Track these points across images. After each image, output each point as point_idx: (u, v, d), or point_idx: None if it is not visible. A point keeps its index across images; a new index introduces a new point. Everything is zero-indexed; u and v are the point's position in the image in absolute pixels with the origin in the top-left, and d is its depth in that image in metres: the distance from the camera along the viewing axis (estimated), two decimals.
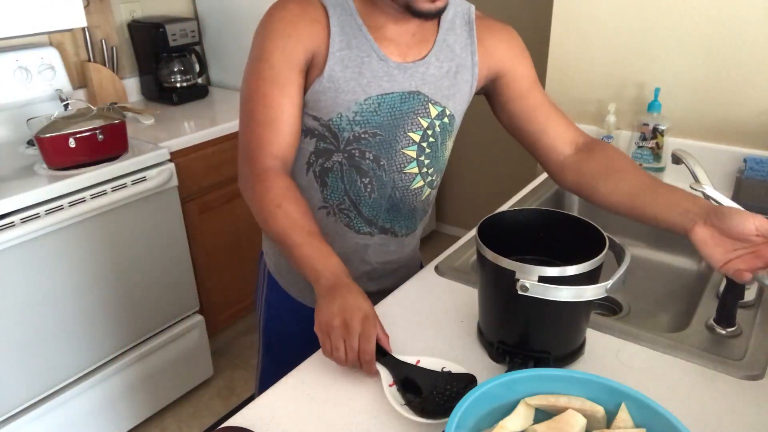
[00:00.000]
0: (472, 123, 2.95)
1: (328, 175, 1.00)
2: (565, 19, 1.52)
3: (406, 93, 0.96)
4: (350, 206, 1.02)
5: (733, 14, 1.29)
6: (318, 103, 0.94)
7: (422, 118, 0.98)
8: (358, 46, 0.92)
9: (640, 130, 1.39)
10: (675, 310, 1.20)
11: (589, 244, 0.80)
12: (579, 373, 0.64)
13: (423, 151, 1.01)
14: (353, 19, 0.93)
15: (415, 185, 1.03)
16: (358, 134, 0.96)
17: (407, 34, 0.95)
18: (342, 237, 1.05)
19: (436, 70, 0.97)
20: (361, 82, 0.93)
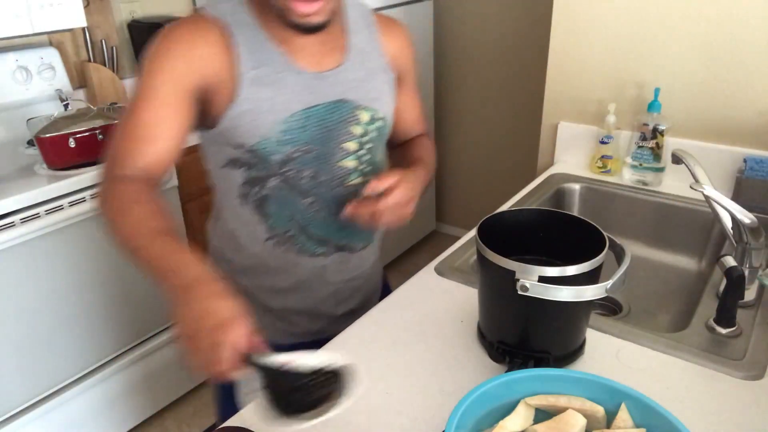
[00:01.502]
0: (472, 123, 2.95)
1: (268, 203, 0.95)
2: (565, 19, 1.52)
3: (332, 102, 0.92)
4: (299, 231, 0.97)
5: (733, 15, 1.29)
6: (238, 129, 0.88)
7: (354, 125, 0.95)
8: (270, 62, 0.88)
9: (640, 130, 1.39)
10: (675, 310, 1.20)
11: (589, 244, 0.80)
12: (579, 373, 0.64)
13: (362, 159, 0.98)
14: (259, 35, 0.88)
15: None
16: (290, 154, 0.91)
17: (316, 43, 0.90)
18: (296, 265, 1.00)
19: (355, 75, 0.94)
20: (282, 100, 0.88)
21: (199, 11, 0.89)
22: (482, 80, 2.82)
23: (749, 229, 0.94)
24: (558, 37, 1.54)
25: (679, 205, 1.33)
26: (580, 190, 1.46)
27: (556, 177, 1.50)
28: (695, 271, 1.30)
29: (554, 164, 1.60)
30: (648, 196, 1.37)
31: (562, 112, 1.60)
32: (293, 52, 0.89)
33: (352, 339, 0.93)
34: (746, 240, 0.95)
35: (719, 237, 1.26)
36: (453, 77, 2.91)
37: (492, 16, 2.67)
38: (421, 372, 0.85)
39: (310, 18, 0.81)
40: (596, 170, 1.49)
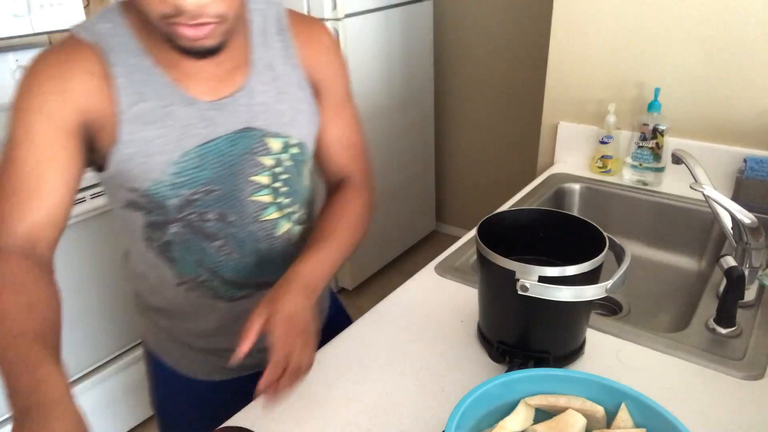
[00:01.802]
0: (472, 123, 2.95)
1: (172, 249, 0.84)
2: (565, 19, 1.52)
3: (234, 134, 0.79)
4: (210, 276, 0.87)
5: (733, 14, 1.29)
6: (128, 173, 0.76)
7: (263, 156, 0.82)
8: (155, 94, 0.75)
9: (640, 130, 1.39)
10: (675, 310, 1.20)
11: (589, 244, 0.80)
12: (579, 373, 0.64)
13: (278, 192, 0.86)
14: (143, 61, 0.75)
15: (280, 231, 0.89)
16: (188, 197, 0.80)
17: (212, 66, 0.77)
18: (214, 310, 0.90)
19: (263, 97, 0.81)
20: (172, 138, 0.76)
21: (75, 33, 0.75)
22: (482, 80, 2.82)
23: (749, 229, 0.94)
24: (558, 37, 1.54)
25: (679, 205, 1.33)
26: (580, 190, 1.46)
27: (556, 177, 1.50)
28: (695, 271, 1.30)
29: (554, 164, 1.60)
30: (648, 196, 1.37)
31: (562, 112, 1.60)
32: (185, 79, 0.77)
33: (352, 339, 0.93)
34: (746, 240, 0.95)
35: (719, 237, 1.26)
36: (453, 77, 2.91)
37: (492, 16, 2.67)
38: (421, 372, 0.85)
39: (201, 42, 0.69)
40: (596, 170, 1.49)
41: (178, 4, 0.64)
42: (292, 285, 0.78)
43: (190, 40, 0.68)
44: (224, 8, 0.67)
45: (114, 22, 0.75)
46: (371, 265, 2.80)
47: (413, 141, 2.83)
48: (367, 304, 2.64)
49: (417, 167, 2.90)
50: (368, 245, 2.71)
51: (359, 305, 2.66)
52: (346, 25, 2.25)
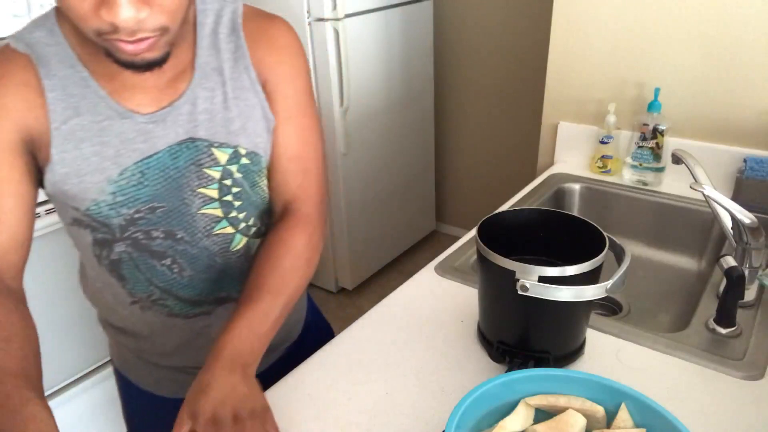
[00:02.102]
0: (472, 123, 2.95)
1: (121, 267, 0.80)
2: (565, 19, 1.52)
3: (176, 146, 0.74)
4: (163, 295, 0.82)
5: (733, 14, 1.29)
6: (65, 193, 0.72)
7: (210, 168, 0.76)
8: (90, 108, 0.70)
9: (640, 130, 1.39)
10: (675, 310, 1.20)
11: (589, 244, 0.80)
12: (579, 373, 0.64)
13: (231, 206, 0.80)
14: (78, 73, 0.70)
15: (237, 246, 0.83)
16: (131, 216, 0.75)
17: (154, 76, 0.71)
18: (171, 328, 0.85)
19: (207, 104, 0.75)
20: (109, 155, 0.71)
21: (11, 41, 0.70)
22: (482, 80, 2.83)
23: (749, 229, 0.94)
24: (558, 37, 1.54)
25: (679, 205, 1.33)
26: (580, 190, 1.46)
27: (556, 177, 1.50)
28: (695, 271, 1.30)
29: (554, 164, 1.60)
30: (648, 196, 1.37)
31: (562, 112, 1.60)
32: (123, 91, 0.72)
33: (352, 339, 0.93)
34: (746, 240, 0.95)
35: (719, 237, 1.26)
36: (453, 77, 2.92)
37: (492, 16, 2.67)
38: (421, 372, 0.85)
39: (143, 56, 0.64)
40: (596, 170, 1.49)
41: (113, 22, 0.59)
42: (218, 365, 0.67)
43: (130, 55, 0.63)
44: (165, 20, 0.62)
45: (49, 30, 0.70)
46: (371, 265, 2.80)
47: (413, 141, 2.83)
48: (367, 304, 2.64)
49: (417, 167, 2.90)
50: (368, 245, 2.72)
51: (359, 305, 2.66)
52: (346, 25, 2.25)
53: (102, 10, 0.59)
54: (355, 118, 2.44)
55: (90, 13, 0.59)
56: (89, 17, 0.60)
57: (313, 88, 2.34)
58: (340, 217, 2.55)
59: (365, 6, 2.34)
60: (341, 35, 2.22)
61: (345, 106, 2.35)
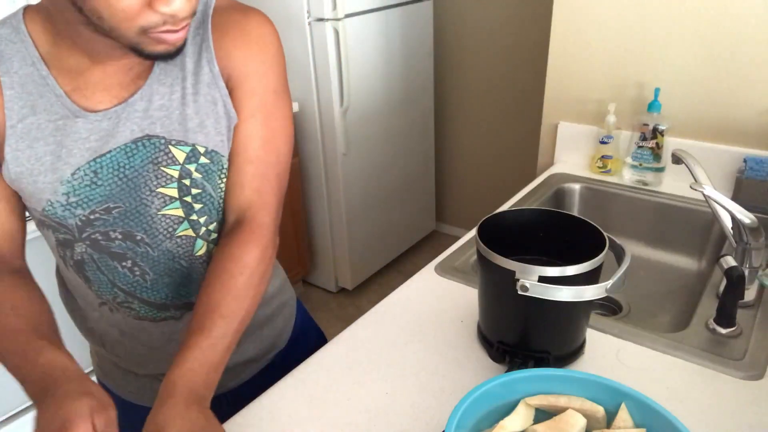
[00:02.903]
0: (472, 123, 2.95)
1: (84, 269, 0.79)
2: (565, 19, 1.52)
3: (131, 143, 0.71)
4: (127, 298, 0.80)
5: (733, 14, 1.29)
6: (22, 191, 0.72)
7: (167, 167, 0.73)
8: (46, 107, 0.69)
9: (640, 130, 1.39)
10: (675, 310, 1.20)
11: (589, 244, 0.80)
12: (579, 373, 0.64)
13: (191, 208, 0.77)
14: (38, 71, 0.69)
15: (199, 251, 0.80)
16: (86, 217, 0.73)
17: (120, 71, 0.71)
18: (141, 331, 0.83)
19: (164, 100, 0.72)
20: (62, 155, 0.70)
21: None
22: (482, 80, 2.83)
23: (749, 229, 0.94)
24: (558, 37, 1.54)
25: (679, 205, 1.33)
26: (580, 190, 1.47)
27: (556, 177, 1.50)
28: (695, 271, 1.30)
29: (554, 164, 1.60)
30: (648, 196, 1.37)
31: (562, 112, 1.60)
32: (85, 89, 0.71)
33: (352, 339, 0.93)
34: (746, 240, 0.95)
35: (719, 237, 1.26)
36: (453, 77, 2.92)
37: (492, 16, 2.67)
38: (421, 372, 0.85)
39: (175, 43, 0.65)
40: (596, 170, 1.49)
41: (171, 12, 0.60)
42: (172, 401, 0.63)
43: (170, 45, 0.64)
44: (195, 4, 0.64)
45: (13, 27, 0.70)
46: (371, 265, 2.80)
47: (413, 141, 2.83)
48: (367, 304, 2.64)
49: (417, 167, 2.90)
50: (368, 245, 2.72)
51: (359, 305, 2.66)
52: (346, 25, 2.25)
53: (158, 4, 0.59)
54: (355, 118, 2.44)
55: (138, 9, 0.59)
56: (137, 15, 0.60)
57: (313, 88, 2.35)
58: (340, 217, 2.55)
59: (365, 6, 2.34)
60: (341, 35, 2.22)
61: (345, 106, 2.35)
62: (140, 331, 0.83)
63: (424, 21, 2.69)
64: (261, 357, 0.94)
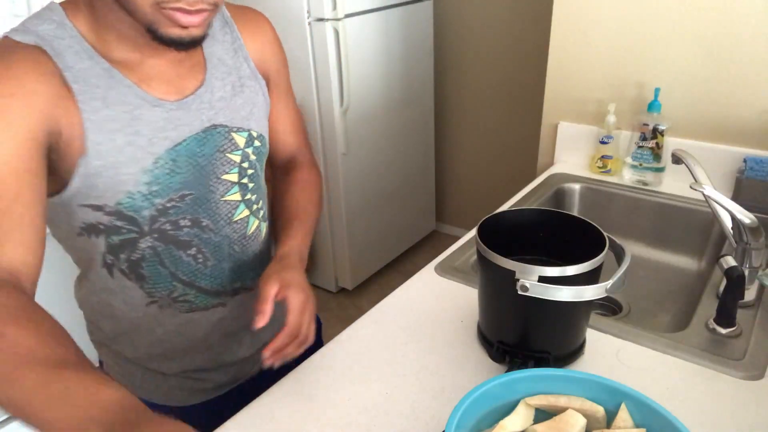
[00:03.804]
0: (472, 123, 2.95)
1: (142, 267, 0.79)
2: (565, 19, 1.52)
3: (201, 132, 0.77)
4: (185, 288, 0.83)
5: (733, 14, 1.29)
6: (94, 188, 0.70)
7: (231, 153, 0.81)
8: (119, 98, 0.70)
9: (640, 130, 1.39)
10: (675, 310, 1.20)
11: (589, 244, 0.80)
12: (579, 373, 0.64)
13: (246, 188, 0.85)
14: (99, 64, 0.69)
15: (251, 229, 0.88)
16: (163, 206, 0.76)
17: (172, 64, 0.74)
18: (187, 324, 0.86)
19: (222, 92, 0.79)
20: (142, 144, 0.71)
21: (14, 35, 0.67)
22: (482, 80, 2.83)
23: (749, 229, 0.94)
24: (558, 37, 1.54)
25: (679, 205, 1.33)
26: (580, 190, 1.47)
27: (556, 177, 1.50)
28: (695, 271, 1.30)
29: (554, 164, 1.60)
30: (648, 196, 1.37)
31: (562, 112, 1.60)
32: (146, 81, 0.72)
33: (352, 339, 0.93)
34: (746, 240, 0.95)
35: (719, 237, 1.26)
36: (453, 77, 2.92)
37: (492, 16, 2.67)
38: (421, 372, 0.85)
39: (190, 31, 0.66)
40: (596, 170, 1.50)
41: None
42: (291, 260, 0.81)
43: (181, 29, 0.65)
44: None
45: (57, 23, 0.68)
46: (371, 265, 2.80)
47: (413, 141, 2.83)
48: (367, 304, 2.64)
49: (417, 167, 2.90)
50: (368, 245, 2.72)
51: (359, 305, 2.66)
52: (346, 25, 2.25)
53: None
54: (355, 118, 2.44)
55: None
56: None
57: (313, 88, 2.36)
58: (340, 217, 2.55)
59: (365, 6, 2.34)
60: (341, 35, 2.22)
61: (345, 106, 2.35)
62: (186, 324, 0.86)
63: (424, 21, 2.69)
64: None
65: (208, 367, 0.91)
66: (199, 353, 0.89)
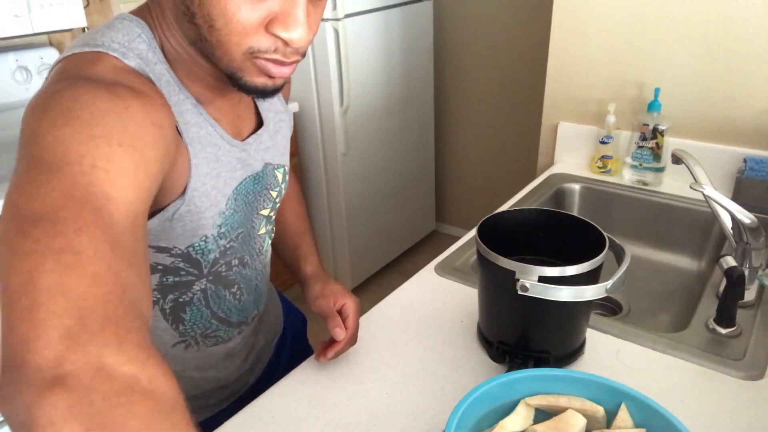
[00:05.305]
0: (472, 123, 2.95)
1: (185, 310, 0.76)
2: (565, 19, 1.52)
3: (260, 171, 0.76)
4: (219, 325, 0.82)
5: (734, 14, 1.29)
6: (169, 231, 0.66)
7: (273, 189, 0.81)
8: (208, 140, 0.66)
9: (640, 130, 1.39)
10: (675, 310, 1.20)
11: (589, 244, 0.80)
12: (579, 373, 0.64)
13: (270, 221, 0.85)
14: (187, 99, 0.64)
15: (268, 258, 0.89)
16: (224, 247, 0.74)
17: (234, 103, 0.72)
18: (207, 357, 0.84)
19: (271, 131, 0.79)
20: (219, 186, 0.68)
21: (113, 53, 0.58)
22: (482, 80, 2.83)
23: (749, 229, 0.94)
24: (558, 37, 1.54)
25: (679, 205, 1.33)
26: (580, 190, 1.46)
27: (556, 177, 1.50)
28: (695, 271, 1.30)
29: (554, 164, 1.60)
30: (648, 196, 1.37)
31: (562, 112, 1.60)
32: (222, 119, 0.69)
33: None
34: (746, 240, 0.95)
35: (719, 237, 1.26)
36: (453, 77, 2.92)
37: (492, 17, 2.67)
38: (421, 372, 0.85)
39: (276, 81, 0.61)
40: (596, 170, 1.49)
41: (288, 38, 0.56)
42: (324, 275, 0.92)
43: (267, 78, 0.60)
44: (311, 39, 0.60)
45: (147, 44, 0.61)
46: (371, 265, 2.80)
47: (413, 141, 2.83)
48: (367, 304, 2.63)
49: (417, 167, 2.90)
50: (368, 245, 2.72)
51: None
52: (346, 25, 2.25)
53: (276, 25, 0.55)
54: (355, 118, 2.44)
55: (256, 27, 0.55)
56: (253, 32, 0.56)
57: (313, 88, 2.36)
58: (340, 217, 2.55)
59: (365, 6, 2.34)
60: (341, 35, 2.22)
61: (345, 106, 2.35)
62: (206, 357, 0.84)
63: (424, 21, 2.69)
64: (268, 346, 0.99)
65: (210, 390, 0.90)
66: (208, 382, 0.88)
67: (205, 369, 0.86)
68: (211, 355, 0.85)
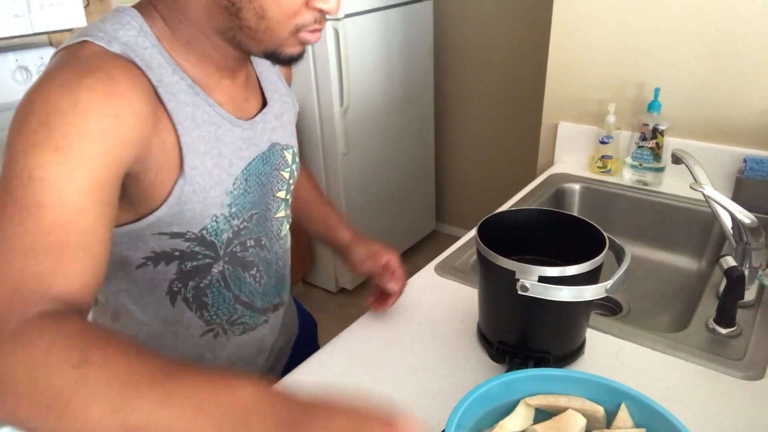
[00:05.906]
0: (472, 123, 2.95)
1: (206, 294, 0.77)
2: (565, 19, 1.52)
3: (266, 151, 0.77)
4: (243, 310, 0.82)
5: (734, 14, 1.29)
6: (180, 216, 0.67)
7: (283, 170, 0.82)
8: (204, 119, 0.67)
9: (640, 130, 1.39)
10: (675, 310, 1.20)
11: (589, 244, 0.80)
12: (579, 373, 0.64)
13: (288, 204, 0.87)
14: (182, 81, 0.65)
15: (288, 243, 0.90)
16: (237, 227, 0.75)
17: (241, 85, 0.75)
18: (237, 348, 0.85)
19: (274, 111, 0.80)
20: (224, 165, 0.70)
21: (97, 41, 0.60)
22: (482, 80, 2.83)
23: (749, 229, 0.94)
24: (558, 37, 1.54)
25: (679, 205, 1.33)
26: (580, 190, 1.47)
27: (556, 177, 1.50)
28: (695, 271, 1.30)
29: (554, 164, 1.60)
30: (648, 196, 1.37)
31: (562, 112, 1.60)
32: (227, 101, 0.71)
33: (352, 339, 0.93)
34: (746, 240, 0.95)
35: (719, 237, 1.26)
36: (453, 77, 2.92)
37: (492, 17, 2.67)
38: (421, 372, 0.85)
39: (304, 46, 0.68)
40: (596, 170, 1.49)
41: (329, 9, 0.63)
42: (362, 236, 0.99)
43: (300, 46, 0.67)
44: None
45: (136, 29, 0.63)
46: None
47: (413, 141, 2.83)
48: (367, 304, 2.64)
49: (417, 167, 2.90)
50: None
51: (359, 305, 2.66)
52: (346, 25, 2.25)
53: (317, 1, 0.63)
54: (355, 118, 2.44)
55: (299, 6, 0.62)
56: (298, 12, 0.63)
57: (313, 88, 2.36)
58: None
59: (365, 6, 2.34)
60: (341, 35, 2.22)
61: (345, 106, 2.35)
62: (237, 347, 0.85)
63: (424, 21, 2.69)
64: (285, 351, 1.01)
65: None
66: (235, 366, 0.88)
67: (234, 361, 0.86)
68: (242, 345, 0.86)
